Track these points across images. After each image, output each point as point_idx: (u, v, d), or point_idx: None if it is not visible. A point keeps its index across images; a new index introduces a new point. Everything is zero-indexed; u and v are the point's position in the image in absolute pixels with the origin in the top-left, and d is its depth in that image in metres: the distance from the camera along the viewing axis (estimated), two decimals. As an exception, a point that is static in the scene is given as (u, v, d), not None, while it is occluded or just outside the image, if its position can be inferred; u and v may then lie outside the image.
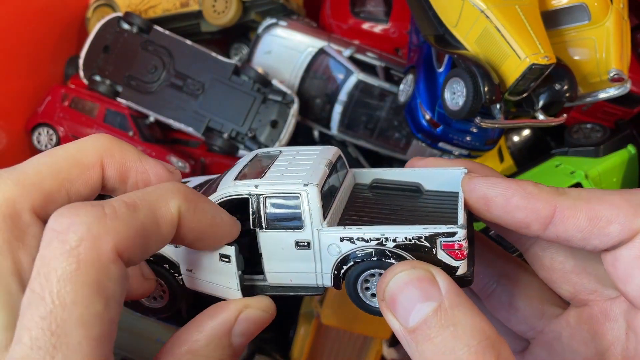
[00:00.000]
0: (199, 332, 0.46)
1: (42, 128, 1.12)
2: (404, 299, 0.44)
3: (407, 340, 0.43)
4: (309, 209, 0.52)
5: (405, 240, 0.50)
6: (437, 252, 0.50)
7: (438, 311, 0.42)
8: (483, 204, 0.51)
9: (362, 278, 0.53)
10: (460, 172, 0.58)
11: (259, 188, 0.54)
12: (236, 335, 0.48)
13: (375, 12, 1.24)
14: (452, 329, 0.41)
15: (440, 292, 0.43)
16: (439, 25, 0.89)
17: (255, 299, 0.51)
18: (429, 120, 0.95)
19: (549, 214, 0.48)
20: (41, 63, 1.17)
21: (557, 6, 0.88)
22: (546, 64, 0.78)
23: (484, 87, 0.79)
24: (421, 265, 0.46)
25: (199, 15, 1.18)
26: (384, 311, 0.46)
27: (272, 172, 0.56)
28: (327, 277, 0.55)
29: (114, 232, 0.38)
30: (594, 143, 1.01)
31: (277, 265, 0.55)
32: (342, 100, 1.11)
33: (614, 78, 0.87)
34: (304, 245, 0.53)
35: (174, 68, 1.11)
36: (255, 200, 0.54)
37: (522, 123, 0.88)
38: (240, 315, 0.48)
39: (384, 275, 0.48)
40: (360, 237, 0.51)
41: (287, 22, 1.16)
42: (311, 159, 0.59)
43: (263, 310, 0.51)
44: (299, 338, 1.13)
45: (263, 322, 0.50)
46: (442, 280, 0.44)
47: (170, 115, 1.11)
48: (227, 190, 0.55)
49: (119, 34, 1.12)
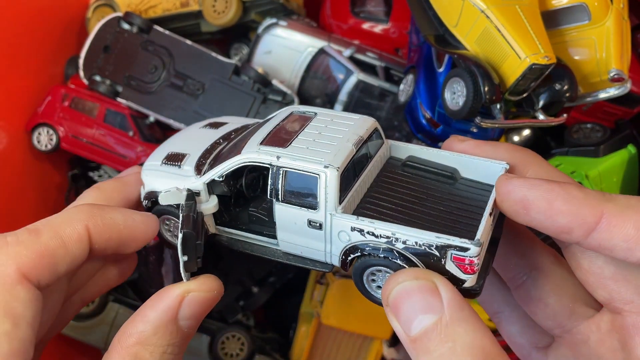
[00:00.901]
0: (144, 323, 0.47)
1: (42, 128, 1.12)
2: (406, 307, 0.43)
3: (409, 348, 0.43)
4: (325, 193, 0.51)
5: (415, 245, 0.49)
6: (445, 263, 0.48)
7: (438, 325, 0.41)
8: (522, 207, 0.48)
9: (368, 271, 0.53)
10: (500, 168, 0.56)
11: (281, 160, 0.53)
12: (183, 319, 0.49)
13: (375, 12, 1.24)
14: (450, 345, 0.40)
15: (442, 304, 0.42)
16: (439, 25, 0.89)
17: (198, 282, 0.51)
18: (429, 120, 0.95)
19: (595, 221, 0.45)
20: (41, 63, 1.17)
21: (557, 6, 0.88)
22: (546, 64, 0.78)
23: (484, 87, 0.79)
24: (425, 276, 0.45)
25: (199, 15, 1.18)
26: (388, 315, 0.46)
27: (298, 142, 0.55)
28: (335, 258, 0.54)
29: (16, 256, 0.42)
30: (594, 143, 1.01)
31: (289, 236, 0.55)
32: (342, 100, 1.11)
33: (614, 78, 0.87)
34: (316, 226, 0.53)
35: (174, 68, 1.11)
36: (275, 171, 0.53)
37: (522, 123, 0.88)
38: (183, 300, 0.49)
39: (388, 281, 0.47)
40: (370, 231, 0.50)
41: (287, 22, 1.16)
42: (342, 132, 0.57)
43: (206, 292, 0.51)
44: (299, 338, 1.13)
45: (209, 302, 0.51)
46: (445, 293, 0.43)
47: (170, 115, 1.11)
48: (250, 156, 0.55)
49: (119, 34, 1.12)
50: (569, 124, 1.08)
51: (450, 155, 0.59)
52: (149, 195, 0.60)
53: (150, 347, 0.46)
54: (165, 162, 0.62)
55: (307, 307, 1.15)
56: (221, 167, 0.57)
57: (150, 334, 0.47)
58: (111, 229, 0.50)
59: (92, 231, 0.48)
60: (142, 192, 0.62)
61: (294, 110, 0.63)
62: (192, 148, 0.63)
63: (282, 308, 1.28)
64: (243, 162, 0.55)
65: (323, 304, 1.07)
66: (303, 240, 0.55)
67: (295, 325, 1.17)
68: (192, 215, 0.54)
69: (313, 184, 0.52)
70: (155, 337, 0.47)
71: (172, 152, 0.63)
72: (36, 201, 1.15)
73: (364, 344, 1.12)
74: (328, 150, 0.54)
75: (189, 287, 0.50)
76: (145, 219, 0.55)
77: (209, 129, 0.69)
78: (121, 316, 1.10)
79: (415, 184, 0.58)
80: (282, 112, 0.64)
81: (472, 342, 0.40)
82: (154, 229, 0.56)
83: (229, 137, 0.65)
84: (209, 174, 0.58)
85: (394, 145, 0.63)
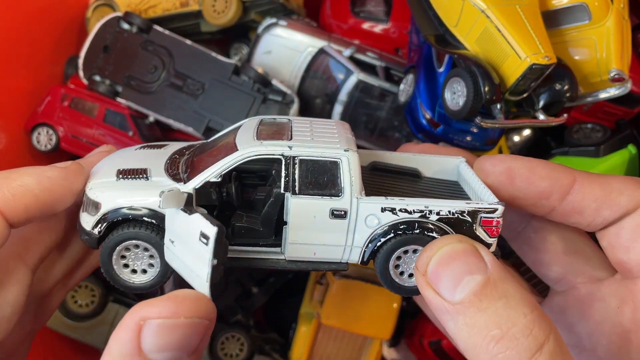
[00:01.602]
0: (109, 357, 0.40)
1: (42, 128, 1.12)
2: (450, 272, 0.44)
3: (453, 313, 0.43)
4: (350, 176, 0.50)
5: (449, 214, 0.49)
6: (476, 228, 0.50)
7: (488, 284, 0.42)
8: (506, 177, 0.52)
9: (395, 255, 0.51)
10: (458, 161, 0.59)
11: (294, 149, 0.50)
12: (153, 353, 0.39)
13: (375, 12, 1.24)
14: (504, 300, 0.41)
15: (486, 265, 0.44)
16: (439, 25, 0.89)
17: (156, 304, 0.40)
18: (429, 120, 0.95)
19: (569, 183, 0.50)
20: (41, 63, 1.17)
21: (557, 6, 0.88)
22: (546, 64, 0.78)
23: (484, 87, 0.79)
24: (466, 240, 0.47)
25: (198, 15, 1.18)
26: (422, 286, 0.46)
27: (298, 135, 0.53)
28: (355, 251, 0.52)
29: None
30: (594, 143, 1.01)
31: (304, 235, 0.51)
32: (342, 100, 1.11)
33: (614, 78, 0.86)
34: (340, 215, 0.51)
35: (174, 68, 1.10)
36: (288, 162, 0.50)
37: (523, 123, 0.88)
38: (141, 331, 0.39)
39: (425, 249, 0.47)
40: (403, 208, 0.49)
41: (287, 22, 1.16)
42: (333, 129, 0.56)
43: (169, 317, 0.39)
44: (299, 338, 1.13)
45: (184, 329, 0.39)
46: (487, 255, 0.45)
47: (170, 115, 1.11)
48: (256, 149, 0.50)
49: (119, 34, 1.12)
50: (570, 124, 1.08)
51: (410, 156, 0.61)
52: (110, 215, 0.51)
53: None
54: (123, 177, 0.53)
55: (307, 307, 1.15)
56: (217, 166, 0.51)
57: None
58: (24, 198, 0.45)
59: (3, 208, 0.44)
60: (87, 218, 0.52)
61: (263, 118, 0.60)
62: (145, 163, 0.56)
63: (281, 308, 1.28)
64: (247, 156, 0.51)
65: (323, 304, 1.06)
66: (320, 236, 0.51)
67: (295, 326, 1.17)
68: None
69: (334, 170, 0.50)
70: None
71: (124, 168, 0.55)
72: (36, 201, 1.14)
73: (364, 344, 1.12)
74: (335, 139, 0.52)
75: (143, 313, 0.39)
76: (63, 173, 0.49)
77: (150, 149, 0.62)
78: (121, 316, 1.10)
79: (390, 184, 0.59)
80: (247, 122, 0.59)
81: (523, 296, 0.42)
82: (78, 180, 0.50)
83: (183, 152, 0.59)
84: (199, 178, 0.51)
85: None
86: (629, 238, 0.49)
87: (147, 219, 0.51)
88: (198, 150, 0.59)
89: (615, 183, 0.50)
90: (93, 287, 1.10)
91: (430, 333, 1.20)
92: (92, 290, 1.10)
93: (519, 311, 0.41)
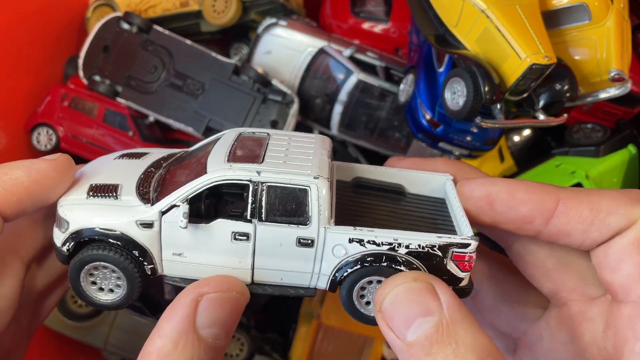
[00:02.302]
0: (162, 338, 0.43)
1: (42, 128, 1.12)
2: (403, 312, 0.43)
3: (405, 355, 0.42)
4: (318, 205, 0.49)
5: (418, 247, 0.48)
6: (447, 263, 0.48)
7: (439, 327, 0.41)
8: (486, 202, 0.50)
9: (359, 285, 0.51)
10: (445, 179, 0.57)
11: (262, 175, 0.49)
12: (204, 328, 0.43)
13: (375, 12, 1.24)
14: (454, 347, 0.40)
15: (441, 306, 0.42)
16: (439, 25, 0.88)
17: (212, 282, 0.46)
18: (429, 120, 0.95)
19: (553, 206, 0.48)
20: (41, 63, 1.17)
21: (557, 6, 0.88)
22: (547, 64, 0.78)
23: (484, 87, 0.79)
24: (423, 278, 0.45)
25: (198, 15, 1.18)
26: (379, 322, 0.45)
27: (270, 158, 0.52)
28: (323, 278, 0.52)
29: None
30: (594, 143, 1.01)
31: (269, 261, 0.51)
32: (342, 100, 1.11)
33: (614, 78, 0.86)
34: (307, 243, 0.50)
35: (174, 68, 1.10)
36: (255, 188, 0.49)
37: (523, 123, 0.88)
38: (198, 306, 0.44)
39: (382, 285, 0.46)
40: (371, 240, 0.49)
41: (287, 22, 1.16)
42: (310, 147, 0.55)
43: (224, 292, 0.45)
44: (299, 338, 1.13)
45: (231, 305, 0.45)
46: (444, 294, 0.43)
47: (170, 115, 1.11)
48: (224, 174, 0.49)
49: (119, 34, 1.12)
50: (570, 124, 1.08)
51: (395, 172, 0.59)
52: (77, 234, 0.51)
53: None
54: (93, 195, 0.52)
55: (307, 307, 1.15)
56: (182, 190, 0.50)
57: (170, 349, 0.42)
58: (16, 191, 0.46)
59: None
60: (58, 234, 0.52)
61: (242, 132, 0.58)
62: (119, 178, 0.55)
63: (282, 308, 1.28)
64: (214, 181, 0.50)
65: (323, 304, 1.06)
66: (286, 263, 0.51)
67: (294, 326, 1.17)
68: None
69: (302, 198, 0.49)
70: (176, 352, 0.42)
71: (96, 183, 0.54)
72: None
73: (364, 344, 1.12)
74: (308, 162, 0.51)
75: (201, 289, 0.45)
76: (53, 164, 0.49)
77: (129, 159, 0.61)
78: (121, 317, 1.10)
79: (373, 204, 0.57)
80: (227, 133, 0.58)
81: (474, 342, 0.40)
82: (67, 171, 0.50)
83: (160, 165, 0.58)
84: (165, 201, 0.50)
85: (337, 166, 0.60)
86: (615, 259, 0.47)
87: (113, 240, 0.51)
88: (174, 164, 0.58)
89: (604, 201, 0.47)
90: (93, 287, 1.10)
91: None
92: (92, 290, 1.10)
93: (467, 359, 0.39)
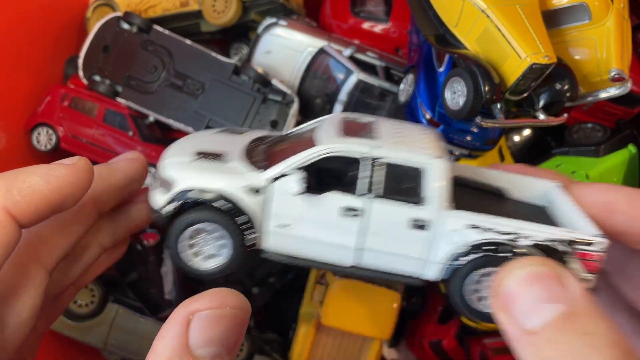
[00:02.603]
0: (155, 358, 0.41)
1: (42, 128, 1.12)
2: (527, 296, 0.39)
3: (523, 343, 0.38)
4: (438, 186, 0.46)
5: (544, 240, 0.45)
6: (572, 261, 0.46)
7: (569, 316, 0.37)
8: (604, 210, 0.46)
9: (474, 275, 0.47)
10: (551, 185, 0.53)
11: (380, 150, 0.47)
12: (198, 348, 0.40)
13: (375, 11, 1.24)
14: (587, 338, 0.36)
15: (569, 295, 0.38)
16: (439, 24, 0.89)
17: (203, 298, 0.42)
18: (429, 120, 0.95)
19: None
20: (41, 63, 1.17)
21: (557, 6, 0.88)
22: (547, 64, 0.78)
23: (484, 87, 0.79)
24: (551, 263, 0.41)
25: (198, 15, 1.18)
26: (495, 308, 0.41)
27: (385, 137, 0.50)
28: (433, 267, 0.48)
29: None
30: (594, 143, 1.01)
31: (376, 242, 0.48)
32: (342, 100, 1.11)
33: (614, 78, 0.87)
34: (421, 226, 0.47)
35: (174, 68, 1.10)
36: (371, 163, 0.47)
37: (523, 123, 0.88)
38: (189, 325, 0.40)
39: (504, 268, 0.41)
40: (493, 228, 0.46)
41: (287, 22, 1.16)
42: (424, 134, 0.52)
43: (217, 309, 0.41)
44: (298, 338, 1.13)
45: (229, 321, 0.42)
46: (573, 284, 0.39)
47: (170, 115, 1.11)
48: (339, 146, 0.48)
49: (119, 34, 1.12)
50: (570, 123, 1.08)
51: (496, 174, 0.56)
52: (183, 194, 0.50)
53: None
54: (200, 158, 0.52)
55: (307, 307, 1.15)
56: (295, 158, 0.49)
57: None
58: (35, 198, 0.44)
59: (13, 210, 0.43)
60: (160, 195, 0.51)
61: (348, 115, 0.57)
62: (225, 147, 0.55)
63: (282, 308, 1.28)
64: (329, 152, 0.48)
65: (323, 304, 1.06)
66: (396, 246, 0.48)
67: (294, 326, 1.17)
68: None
69: (420, 178, 0.47)
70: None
71: (202, 150, 0.54)
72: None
73: (364, 345, 1.12)
74: (426, 145, 0.49)
75: (191, 307, 0.41)
76: (71, 170, 0.47)
77: (230, 134, 0.61)
78: (120, 316, 1.10)
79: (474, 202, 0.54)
80: (329, 118, 0.57)
81: (608, 335, 0.36)
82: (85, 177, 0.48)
83: (264, 139, 0.58)
84: (276, 168, 0.49)
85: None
86: None
87: (220, 203, 0.49)
88: (278, 141, 0.57)
89: None
90: (93, 287, 1.10)
91: (430, 333, 1.20)
92: (92, 290, 1.10)
93: (599, 352, 0.35)
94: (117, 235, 0.58)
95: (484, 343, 1.09)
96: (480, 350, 1.07)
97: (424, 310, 1.26)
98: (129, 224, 0.58)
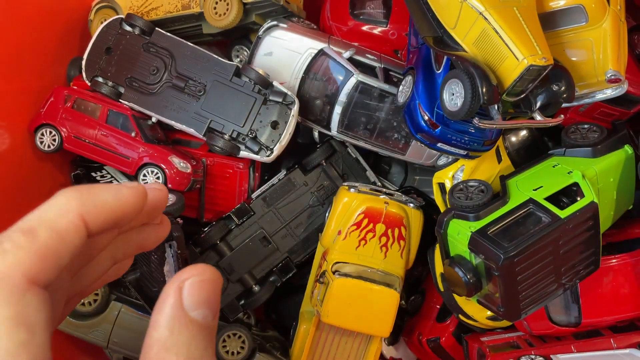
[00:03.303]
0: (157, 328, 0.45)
1: (45, 129, 1.13)
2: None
3: None
4: None
5: None
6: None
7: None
8: None
9: None
10: None
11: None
12: (192, 310, 0.46)
13: (374, 14, 1.25)
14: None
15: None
16: (438, 27, 0.90)
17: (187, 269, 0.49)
18: (427, 121, 0.96)
19: None
20: (44, 64, 1.18)
21: (554, 8, 0.89)
22: (544, 65, 0.79)
23: (482, 88, 0.80)
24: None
25: (200, 17, 1.19)
26: None
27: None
28: None
29: (19, 263, 0.40)
30: (591, 143, 1.02)
31: None
32: (341, 101, 1.12)
33: (611, 79, 0.88)
34: None
35: (176, 69, 1.12)
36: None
37: (520, 124, 0.89)
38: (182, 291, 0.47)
39: None
40: None
41: (288, 24, 1.17)
42: None
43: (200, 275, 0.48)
44: (299, 336, 1.14)
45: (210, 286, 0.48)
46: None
47: (172, 117, 1.12)
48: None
49: (121, 36, 1.13)
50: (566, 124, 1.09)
51: None
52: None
53: (173, 348, 0.44)
54: None
55: (307, 305, 1.16)
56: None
57: (167, 336, 0.44)
58: (104, 211, 0.47)
59: (87, 218, 0.46)
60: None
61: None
62: None
63: (283, 307, 1.29)
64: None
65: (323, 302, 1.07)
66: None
67: (295, 324, 1.18)
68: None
69: None
70: (173, 337, 0.44)
71: None
72: (39, 201, 1.15)
73: (363, 342, 1.13)
74: None
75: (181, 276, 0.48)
76: (133, 191, 0.51)
77: None
78: (123, 315, 1.11)
79: None
80: None
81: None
82: (142, 201, 0.52)
83: None
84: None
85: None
86: None
87: None
88: None
89: None
90: (96, 286, 1.11)
91: (428, 331, 1.21)
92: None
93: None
94: (130, 251, 0.61)
95: (482, 341, 1.10)
96: (478, 348, 1.08)
97: (422, 309, 1.27)
98: (143, 242, 0.61)
